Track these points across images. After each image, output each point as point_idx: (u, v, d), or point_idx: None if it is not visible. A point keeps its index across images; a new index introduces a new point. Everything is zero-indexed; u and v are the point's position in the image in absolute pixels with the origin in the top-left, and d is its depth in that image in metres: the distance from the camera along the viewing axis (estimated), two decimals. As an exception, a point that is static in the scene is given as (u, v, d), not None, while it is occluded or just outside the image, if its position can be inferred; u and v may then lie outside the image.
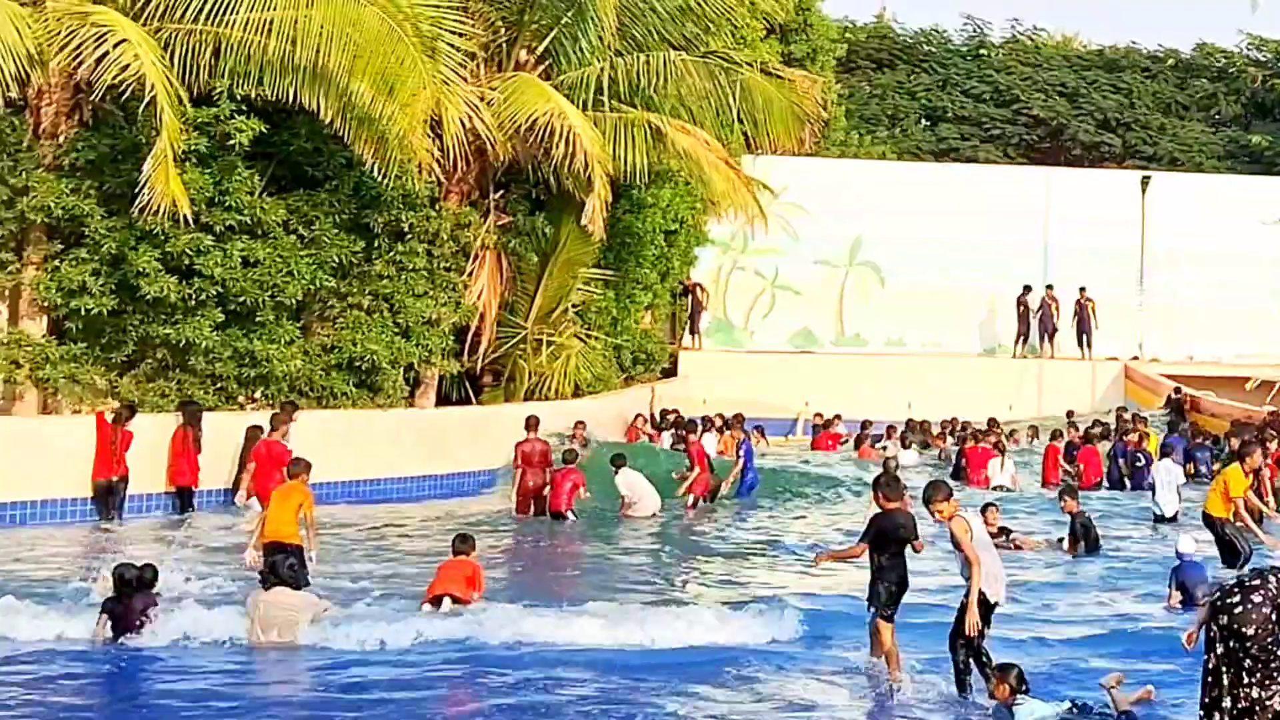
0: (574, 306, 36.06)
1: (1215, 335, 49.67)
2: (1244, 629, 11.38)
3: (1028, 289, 48.67)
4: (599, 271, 36.89)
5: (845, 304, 50.33)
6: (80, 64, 25.57)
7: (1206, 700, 11.69)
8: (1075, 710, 13.90)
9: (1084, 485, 32.59)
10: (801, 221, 48.44)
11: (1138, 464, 33.57)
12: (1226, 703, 11.50)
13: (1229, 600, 11.52)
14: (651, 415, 38.74)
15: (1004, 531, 24.55)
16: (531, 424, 28.55)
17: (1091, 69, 66.59)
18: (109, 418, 25.09)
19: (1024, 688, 13.86)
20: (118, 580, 16.41)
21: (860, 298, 50.37)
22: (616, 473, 28.13)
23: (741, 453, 31.60)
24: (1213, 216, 50.58)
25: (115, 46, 25.02)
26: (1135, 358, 49.08)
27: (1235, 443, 28.80)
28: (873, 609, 15.42)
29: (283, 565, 16.97)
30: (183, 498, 25.84)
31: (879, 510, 15.56)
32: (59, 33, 25.50)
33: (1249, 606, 11.40)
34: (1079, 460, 34.81)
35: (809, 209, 48.56)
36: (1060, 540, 24.82)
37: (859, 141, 58.96)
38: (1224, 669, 11.55)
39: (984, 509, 24.34)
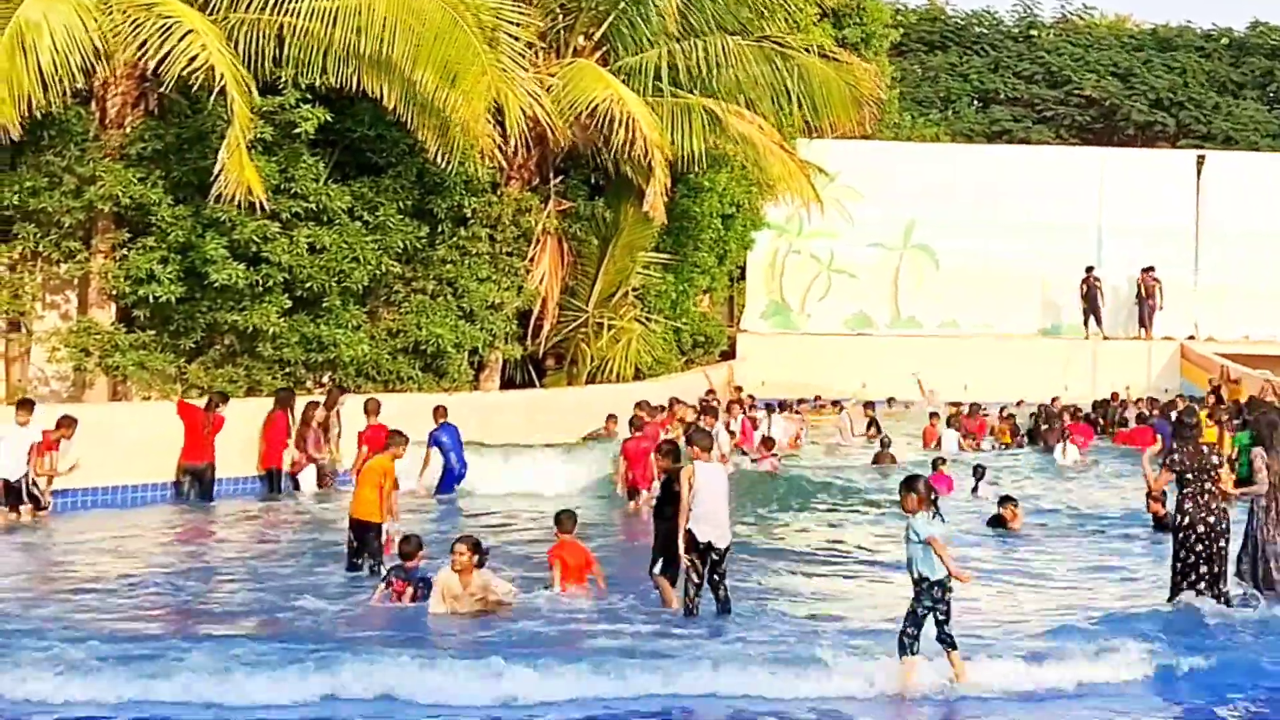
0: (634, 290, 36.33)
1: (1271, 314, 49.55)
2: None
3: (1090, 269, 48.76)
4: (658, 255, 37.13)
5: (900, 286, 50.40)
6: (146, 55, 25.73)
7: None
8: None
9: None
10: (856, 205, 48.49)
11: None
12: None
13: None
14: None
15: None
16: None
17: (1144, 49, 66.39)
18: (201, 404, 25.34)
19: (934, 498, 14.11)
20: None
21: (915, 280, 50.43)
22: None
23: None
24: (1268, 195, 50.42)
25: (181, 38, 25.19)
26: (1191, 337, 48.99)
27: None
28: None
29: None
30: (271, 480, 26.09)
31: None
32: (125, 24, 25.68)
33: None
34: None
35: (863, 192, 48.63)
36: None
37: (912, 124, 59.00)
38: None
39: (1001, 502, 24.54)
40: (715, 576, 16.30)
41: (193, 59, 25.06)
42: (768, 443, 30.89)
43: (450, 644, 15.01)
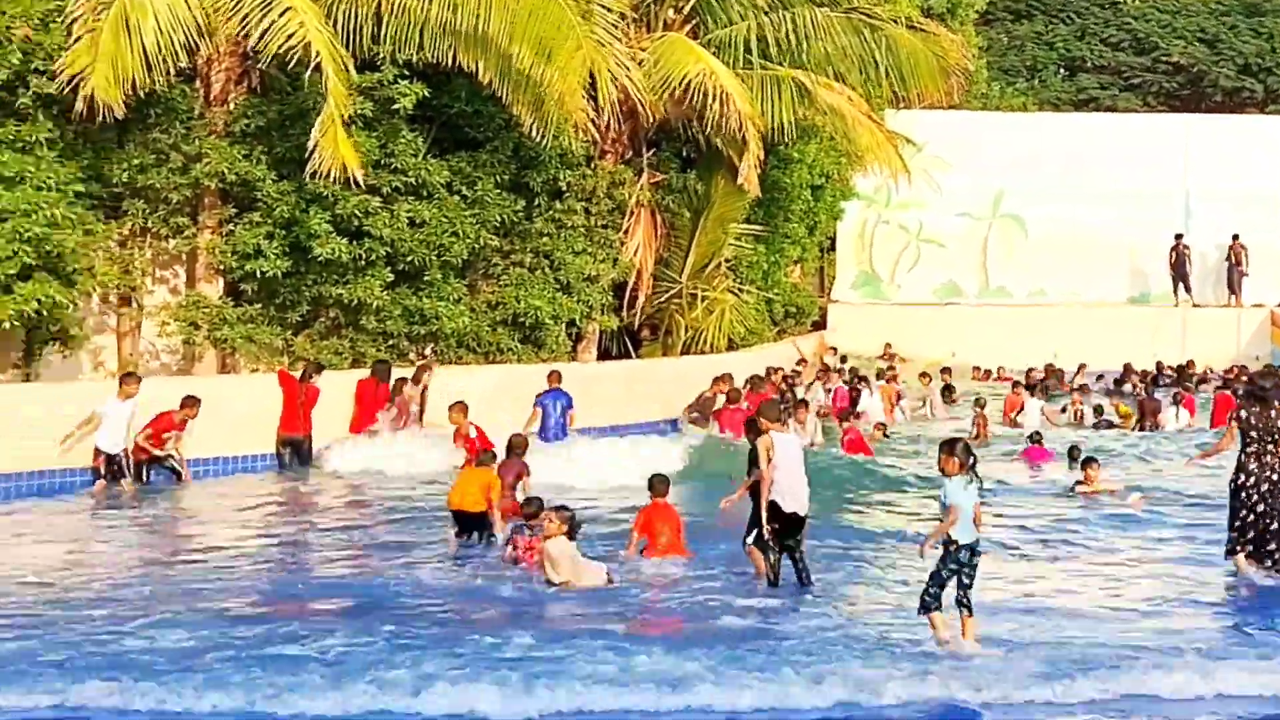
0: (726, 261, 36.53)
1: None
2: None
3: (1179, 237, 48.64)
4: (749, 227, 37.41)
5: (989, 255, 50.44)
6: (247, 32, 26.18)
7: None
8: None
9: None
10: (944, 174, 48.55)
11: None
12: None
13: None
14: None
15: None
16: None
17: (1231, 14, 65.90)
18: (295, 374, 25.73)
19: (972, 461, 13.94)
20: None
21: (1004, 249, 50.45)
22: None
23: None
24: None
25: (281, 15, 25.62)
26: (1282, 303, 48.78)
27: None
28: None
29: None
30: None
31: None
32: (227, 1, 26.10)
33: None
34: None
35: (951, 162, 48.68)
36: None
37: (999, 94, 58.91)
38: None
39: (1082, 464, 24.43)
40: (791, 543, 16.37)
41: (290, 35, 25.48)
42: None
43: (580, 628, 14.60)
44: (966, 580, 13.76)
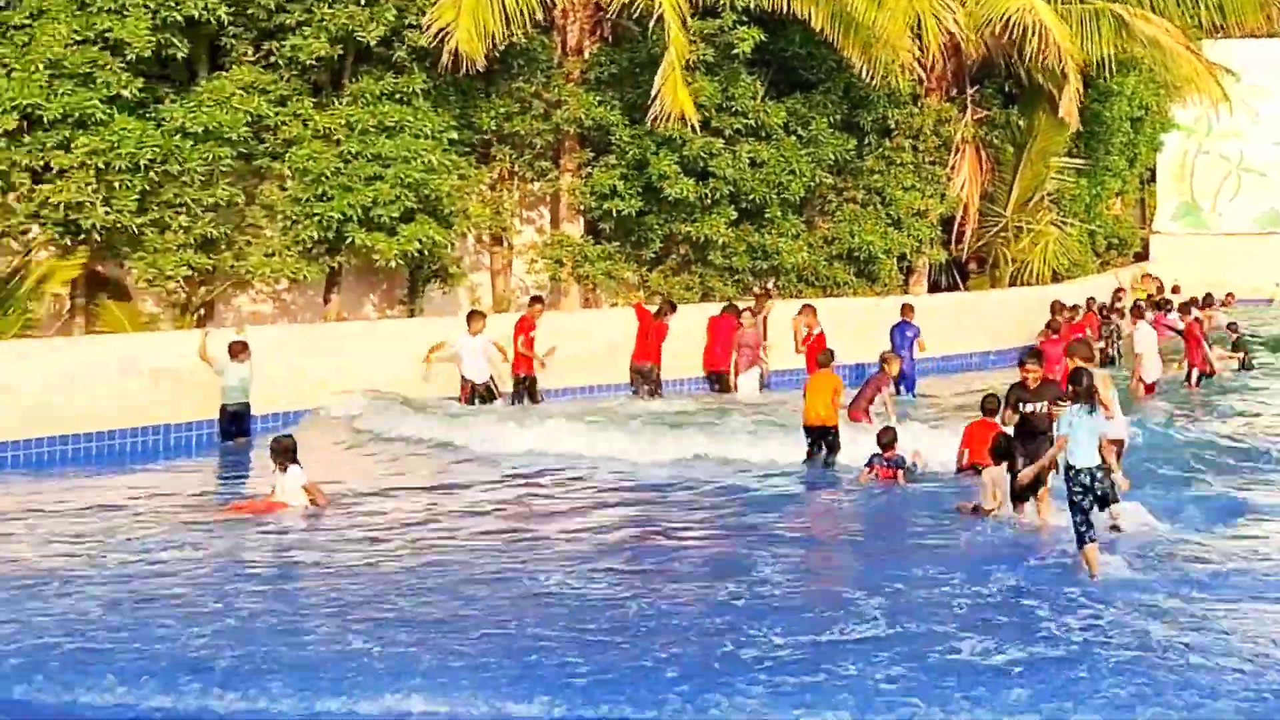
0: (1049, 195, 37.29)
1: None
2: None
3: None
4: (1070, 160, 38.00)
5: (1310, 185, 50.15)
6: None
7: None
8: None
9: None
10: (1263, 103, 48.41)
11: None
12: None
13: None
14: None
15: None
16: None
17: None
18: (651, 309, 27.33)
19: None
20: None
21: (1324, 178, 50.10)
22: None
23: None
24: None
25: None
26: None
27: None
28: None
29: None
30: (718, 381, 27.91)
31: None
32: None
33: None
34: None
35: (1270, 90, 48.51)
36: None
37: (1318, 19, 58.15)
38: None
39: None
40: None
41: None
42: None
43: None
44: (1099, 497, 14.25)
